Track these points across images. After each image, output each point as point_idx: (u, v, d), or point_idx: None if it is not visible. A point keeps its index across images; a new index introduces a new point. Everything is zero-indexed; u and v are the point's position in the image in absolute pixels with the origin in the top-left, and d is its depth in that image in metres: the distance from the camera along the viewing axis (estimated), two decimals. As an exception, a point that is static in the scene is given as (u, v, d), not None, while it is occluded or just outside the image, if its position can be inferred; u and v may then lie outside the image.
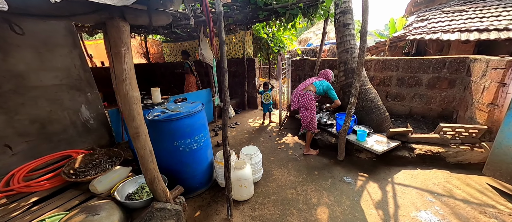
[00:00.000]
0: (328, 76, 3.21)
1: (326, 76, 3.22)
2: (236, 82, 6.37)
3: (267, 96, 4.71)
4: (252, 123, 5.03)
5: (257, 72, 5.98)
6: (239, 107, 6.18)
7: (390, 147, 2.78)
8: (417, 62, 3.71)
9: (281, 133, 4.32)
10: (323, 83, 3.08)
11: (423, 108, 3.88)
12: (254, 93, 6.12)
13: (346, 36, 3.67)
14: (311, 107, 3.02)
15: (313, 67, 4.77)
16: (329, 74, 3.23)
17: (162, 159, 2.32)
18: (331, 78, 3.23)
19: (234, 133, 4.42)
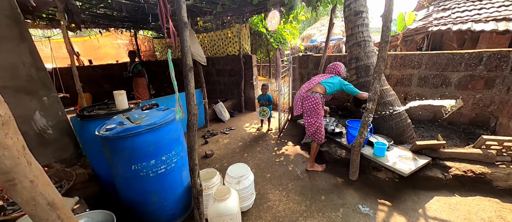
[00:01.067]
0: (339, 71, 2.60)
1: (336, 70, 2.60)
2: (232, 82, 5.79)
3: (264, 112, 4.09)
4: (248, 128, 4.45)
5: (255, 71, 5.39)
6: (235, 110, 5.60)
7: (418, 166, 2.17)
8: (445, 57, 3.06)
9: (280, 141, 3.73)
10: (334, 80, 2.47)
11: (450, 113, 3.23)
12: (252, 94, 5.54)
13: (358, 26, 3.04)
14: (318, 113, 2.42)
15: (317, 65, 4.15)
16: (340, 68, 2.61)
17: (120, 187, 1.77)
18: (342, 73, 2.62)
19: (227, 141, 3.85)
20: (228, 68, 5.71)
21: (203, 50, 6.12)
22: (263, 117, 4.13)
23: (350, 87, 2.47)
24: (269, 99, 4.09)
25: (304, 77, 4.44)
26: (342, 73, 2.62)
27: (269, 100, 4.08)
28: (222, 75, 5.93)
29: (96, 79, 7.18)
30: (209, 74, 6.22)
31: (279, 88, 3.70)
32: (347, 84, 2.48)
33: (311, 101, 2.38)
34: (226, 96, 6.03)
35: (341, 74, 2.61)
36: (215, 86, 6.24)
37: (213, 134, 4.12)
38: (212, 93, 6.38)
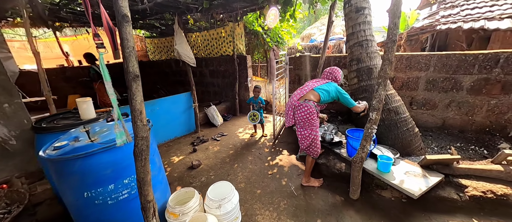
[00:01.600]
0: (336, 76, 2.30)
1: (333, 76, 2.30)
2: (226, 84, 5.49)
3: (254, 116, 3.78)
4: (241, 134, 4.15)
5: (250, 72, 5.09)
6: (229, 113, 5.31)
7: (430, 186, 1.87)
8: (456, 59, 2.76)
9: (275, 149, 3.43)
10: (330, 87, 2.17)
11: (462, 120, 2.93)
12: (246, 97, 5.24)
13: (360, 24, 2.74)
14: (312, 124, 2.13)
15: (315, 66, 3.85)
16: (337, 74, 2.31)
17: (73, 217, 1.48)
18: (340, 79, 2.32)
19: (217, 148, 3.55)
20: (222, 70, 5.42)
21: (196, 50, 5.84)
22: (253, 122, 3.82)
23: (346, 97, 2.18)
24: (261, 102, 3.79)
25: (301, 79, 4.14)
26: (339, 80, 2.32)
27: (261, 103, 3.78)
28: (216, 76, 5.63)
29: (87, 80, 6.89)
30: (202, 76, 5.93)
31: (274, 91, 3.40)
32: (343, 94, 2.18)
33: (304, 111, 2.08)
34: (220, 98, 5.73)
35: (338, 81, 2.31)
36: (209, 88, 5.95)
37: (203, 141, 3.83)
38: (206, 95, 6.09)
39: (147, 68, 7.18)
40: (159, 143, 3.77)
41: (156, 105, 3.57)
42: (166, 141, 3.89)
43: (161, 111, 3.66)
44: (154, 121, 3.61)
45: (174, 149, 3.61)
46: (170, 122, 3.86)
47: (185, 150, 3.57)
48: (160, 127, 3.71)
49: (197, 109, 4.15)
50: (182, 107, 4.01)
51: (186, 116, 4.12)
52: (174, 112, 3.89)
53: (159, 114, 3.63)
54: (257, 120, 3.78)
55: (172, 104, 3.84)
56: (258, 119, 3.77)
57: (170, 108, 3.81)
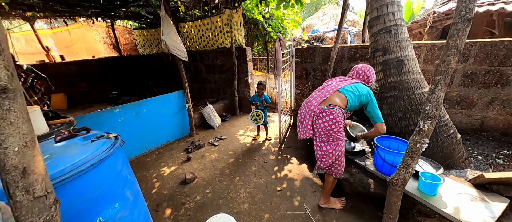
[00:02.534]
0: (369, 77, 1.78)
1: (365, 76, 1.78)
2: (224, 80, 4.96)
3: (258, 116, 3.32)
4: (242, 137, 3.67)
5: (250, 66, 4.56)
6: (228, 113, 4.81)
7: (496, 217, 1.41)
8: (504, 47, 2.26)
9: (281, 155, 2.96)
10: (361, 89, 1.67)
11: (506, 121, 2.47)
12: (247, 93, 4.73)
13: (387, 5, 2.22)
14: (338, 136, 1.64)
15: (326, 59, 3.33)
16: (371, 74, 1.78)
17: None
18: (372, 81, 1.80)
19: (215, 156, 3.08)
20: (219, 64, 4.87)
21: (189, 42, 5.26)
22: (256, 123, 3.34)
23: (376, 108, 1.67)
24: (266, 101, 3.28)
25: (309, 74, 3.63)
26: (371, 82, 1.80)
27: (266, 101, 3.28)
28: (213, 72, 5.09)
29: (70, 77, 6.31)
30: (198, 71, 5.38)
31: (279, 88, 2.90)
32: (375, 102, 1.67)
33: (328, 120, 1.58)
34: (218, 96, 5.21)
35: (370, 83, 1.80)
36: (205, 84, 5.41)
37: (198, 146, 3.34)
38: (202, 92, 5.56)
39: (137, 64, 6.58)
40: (149, 149, 3.28)
41: (142, 107, 3.05)
42: (157, 147, 3.40)
43: (148, 114, 3.14)
44: (141, 126, 3.13)
45: (165, 157, 3.13)
46: (160, 125, 3.36)
47: (178, 158, 3.09)
48: (149, 132, 3.21)
49: (191, 110, 3.64)
50: (173, 108, 3.50)
51: (179, 118, 3.62)
52: (164, 114, 3.38)
53: (146, 117, 3.12)
54: (261, 120, 3.30)
55: (162, 106, 3.32)
56: (261, 119, 3.29)
57: (160, 110, 3.30)
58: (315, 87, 3.62)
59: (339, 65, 3.30)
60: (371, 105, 1.65)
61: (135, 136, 3.04)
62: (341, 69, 3.30)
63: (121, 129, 2.83)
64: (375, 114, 1.67)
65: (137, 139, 3.07)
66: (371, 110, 1.66)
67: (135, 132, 3.03)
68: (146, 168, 2.89)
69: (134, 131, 3.01)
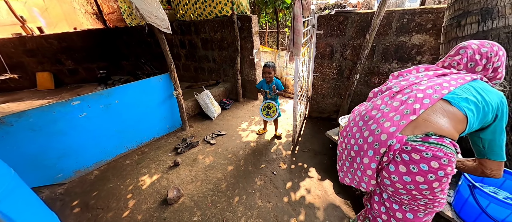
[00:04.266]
0: (498, 68, 0.88)
1: (492, 65, 0.87)
2: (224, 58, 4.07)
3: (270, 109, 2.57)
4: (245, 133, 2.95)
5: (256, 40, 3.61)
6: (229, 99, 4.03)
7: None
8: None
9: (295, 164, 2.25)
10: (488, 95, 0.79)
11: None
12: (252, 75, 3.87)
13: None
14: (436, 200, 0.81)
15: (362, 30, 2.38)
16: (501, 60, 0.87)
17: None
18: (501, 75, 0.92)
19: (210, 160, 2.41)
20: (218, 38, 3.93)
21: (182, 10, 4.27)
22: (269, 118, 2.59)
23: (502, 135, 0.83)
24: (278, 87, 2.47)
25: (335, 52, 2.70)
26: (500, 77, 0.91)
27: (278, 88, 2.47)
28: (211, 47, 4.18)
29: (54, 53, 5.58)
30: (194, 47, 4.47)
31: (297, 72, 2.05)
32: (505, 121, 0.82)
33: (426, 170, 0.75)
34: (218, 78, 4.39)
35: (496, 80, 0.92)
36: (203, 63, 4.55)
37: (190, 145, 2.67)
38: (200, 72, 4.74)
39: (125, 37, 5.70)
40: (130, 148, 2.65)
41: (113, 98, 2.32)
42: (140, 145, 2.76)
43: (123, 105, 2.43)
44: (115, 121, 2.35)
45: (148, 160, 2.50)
46: (142, 118, 2.67)
47: (164, 161, 2.45)
48: (127, 128, 2.54)
49: (180, 98, 2.88)
50: (158, 97, 2.76)
51: (166, 108, 2.89)
52: (146, 104, 2.66)
53: (121, 110, 2.42)
54: (275, 114, 2.54)
55: (142, 94, 2.57)
56: (275, 113, 2.53)
57: (140, 99, 2.57)
58: (343, 69, 2.72)
59: (381, 40, 2.35)
60: (498, 126, 0.82)
61: (109, 134, 2.38)
62: (384, 46, 2.35)
63: (85, 126, 2.16)
64: (496, 144, 0.84)
65: (111, 137, 2.41)
66: (493, 135, 0.83)
67: (108, 129, 2.36)
68: (122, 174, 2.28)
69: (106, 128, 2.34)
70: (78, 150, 2.19)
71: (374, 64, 2.51)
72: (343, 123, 2.04)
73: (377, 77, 2.54)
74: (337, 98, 2.97)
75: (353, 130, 0.92)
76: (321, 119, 3.16)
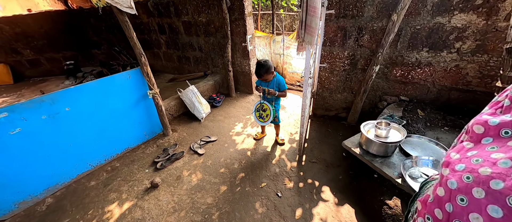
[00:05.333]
0: None
1: None
2: (212, 46, 3.45)
3: (265, 112, 2.03)
4: (240, 138, 2.47)
5: (249, 24, 3.00)
6: (219, 94, 3.48)
7: None
8: None
9: (304, 180, 1.83)
10: None
11: None
12: (245, 66, 3.31)
13: None
14: None
15: (385, 10, 1.86)
16: None
17: None
18: None
19: (197, 179, 1.94)
20: (203, 21, 3.27)
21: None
22: (262, 122, 2.09)
23: None
24: (281, 87, 1.96)
25: (348, 37, 2.18)
26: None
27: (281, 89, 1.96)
28: (195, 33, 3.52)
29: (7, 41, 4.67)
30: (174, 32, 3.78)
31: (308, 66, 1.54)
32: None
33: None
34: (205, 69, 3.78)
35: None
36: (187, 51, 3.89)
37: (173, 157, 2.17)
38: (185, 63, 4.09)
39: (93, 21, 4.83)
40: (96, 165, 2.12)
41: (61, 104, 1.73)
42: (109, 159, 2.22)
43: (78, 112, 1.85)
44: (69, 133, 1.74)
45: (119, 179, 1.99)
46: (109, 126, 2.10)
47: (139, 181, 1.95)
48: (89, 140, 1.98)
49: (158, 98, 2.31)
50: (129, 98, 2.18)
51: (141, 111, 2.33)
52: (112, 108, 2.08)
53: (75, 119, 1.84)
54: (269, 119, 2.02)
55: (104, 96, 1.99)
56: (269, 117, 2.01)
57: (102, 102, 1.99)
58: (357, 59, 2.23)
59: (411, 22, 1.85)
60: None
61: (62, 150, 1.83)
62: (414, 29, 1.86)
63: (22, 145, 1.59)
64: None
65: (67, 153, 1.86)
66: None
67: (60, 144, 1.80)
68: (84, 203, 1.78)
69: (56, 143, 1.78)
70: (18, 176, 1.64)
71: (397, 53, 2.03)
72: (367, 130, 1.60)
73: (399, 69, 2.08)
74: (347, 94, 2.51)
75: (462, 190, 0.45)
76: (328, 117, 2.72)
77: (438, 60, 1.87)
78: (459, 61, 1.80)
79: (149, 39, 4.29)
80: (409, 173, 1.31)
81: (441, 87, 1.98)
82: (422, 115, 2.00)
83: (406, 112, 2.03)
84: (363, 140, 1.58)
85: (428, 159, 1.33)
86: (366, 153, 1.56)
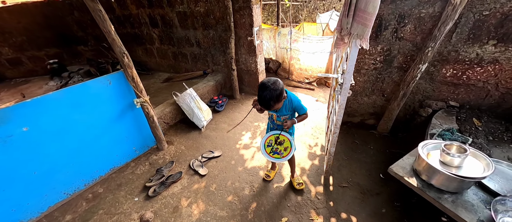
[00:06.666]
0: None
1: None
2: (211, 40, 2.98)
3: (280, 145, 1.35)
4: (249, 152, 2.06)
5: (256, 14, 2.52)
6: (221, 96, 3.04)
7: None
8: None
9: (335, 213, 1.43)
10: None
11: None
12: (251, 64, 2.86)
13: None
14: None
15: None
16: None
17: None
18: None
19: (199, 211, 1.54)
20: (201, 11, 2.79)
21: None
22: (278, 159, 1.35)
23: None
24: (298, 111, 1.36)
25: (385, 28, 1.73)
26: None
27: (297, 111, 1.37)
28: (192, 25, 3.04)
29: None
30: (168, 25, 3.30)
31: (352, 68, 1.11)
32: None
33: None
34: (205, 67, 3.33)
35: None
36: (183, 47, 3.42)
37: (169, 181, 1.76)
38: (181, 60, 3.63)
39: (76, 14, 4.31)
40: (72, 193, 1.71)
41: (13, 123, 1.29)
42: (91, 183, 1.81)
43: (41, 131, 1.42)
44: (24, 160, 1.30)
45: (101, 212, 1.59)
46: (87, 145, 1.68)
47: (126, 215, 1.55)
48: (59, 166, 1.56)
49: (148, 108, 1.87)
50: (112, 108, 1.75)
51: (128, 123, 1.90)
52: (90, 123, 1.65)
53: (38, 140, 1.41)
54: (289, 153, 1.33)
55: (76, 108, 1.55)
56: (290, 150, 1.33)
57: (74, 117, 1.55)
58: (393, 55, 1.80)
59: (475, 6, 1.41)
60: None
61: (24, 181, 1.41)
62: (479, 16, 1.42)
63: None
64: None
65: (31, 184, 1.45)
66: None
67: (18, 174, 1.39)
68: (55, 249, 1.38)
69: (12, 174, 1.36)
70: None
71: (451, 47, 1.59)
72: (425, 152, 1.18)
73: (451, 67, 1.65)
74: (377, 97, 2.09)
75: None
76: (352, 124, 2.30)
77: (509, 56, 1.44)
78: (540, 57, 1.37)
79: (140, 33, 3.80)
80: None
81: (506, 91, 1.55)
82: (479, 125, 1.58)
83: (460, 122, 1.62)
84: (423, 168, 1.16)
85: None
86: (428, 186, 1.15)
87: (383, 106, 2.08)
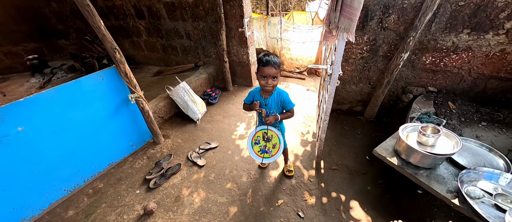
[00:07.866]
0: None
1: None
2: (201, 32, 2.95)
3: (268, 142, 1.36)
4: (244, 142, 2.15)
5: (245, 3, 2.51)
6: (214, 88, 3.06)
7: None
8: None
9: (326, 193, 1.57)
10: None
11: None
12: (242, 55, 2.88)
13: None
14: None
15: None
16: None
17: None
18: None
19: (200, 199, 1.63)
20: (190, 2, 2.74)
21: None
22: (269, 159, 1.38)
23: None
24: (285, 106, 1.36)
25: (370, 19, 1.81)
26: None
27: (284, 106, 1.37)
28: (181, 17, 2.98)
29: None
30: (155, 16, 3.20)
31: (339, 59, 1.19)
32: None
33: None
34: (196, 60, 3.30)
35: None
36: (172, 40, 3.35)
37: (169, 173, 1.83)
38: (171, 53, 3.57)
39: (54, 5, 4.05)
40: (72, 189, 1.73)
41: (9, 123, 1.29)
42: (90, 179, 1.83)
43: (37, 130, 1.42)
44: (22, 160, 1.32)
45: (104, 206, 1.64)
46: (84, 142, 1.70)
47: (129, 207, 1.62)
48: (57, 163, 1.58)
49: (143, 103, 1.89)
50: (106, 105, 1.75)
51: (123, 118, 1.91)
52: (85, 120, 1.66)
53: (34, 140, 1.42)
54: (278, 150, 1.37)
55: (71, 106, 1.55)
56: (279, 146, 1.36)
57: (69, 115, 1.55)
58: (378, 45, 1.90)
59: (454, -3, 1.51)
60: None
61: (22, 180, 1.43)
62: (455, 6, 1.53)
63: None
64: None
65: (30, 183, 1.46)
66: None
67: (16, 174, 1.40)
68: (62, 242, 1.43)
69: (11, 173, 1.37)
70: (-37, 222, 1.24)
71: (430, 36, 1.70)
72: (405, 135, 1.32)
73: (430, 55, 1.78)
74: (364, 85, 2.21)
75: None
76: (341, 112, 2.43)
77: (480, 44, 1.58)
78: (507, 44, 1.50)
79: (126, 25, 3.66)
80: (466, 191, 1.07)
81: (477, 76, 1.71)
82: (453, 108, 1.75)
83: (437, 106, 1.77)
84: (402, 148, 1.30)
85: (493, 172, 1.08)
86: (406, 164, 1.29)
87: (370, 94, 2.21)
